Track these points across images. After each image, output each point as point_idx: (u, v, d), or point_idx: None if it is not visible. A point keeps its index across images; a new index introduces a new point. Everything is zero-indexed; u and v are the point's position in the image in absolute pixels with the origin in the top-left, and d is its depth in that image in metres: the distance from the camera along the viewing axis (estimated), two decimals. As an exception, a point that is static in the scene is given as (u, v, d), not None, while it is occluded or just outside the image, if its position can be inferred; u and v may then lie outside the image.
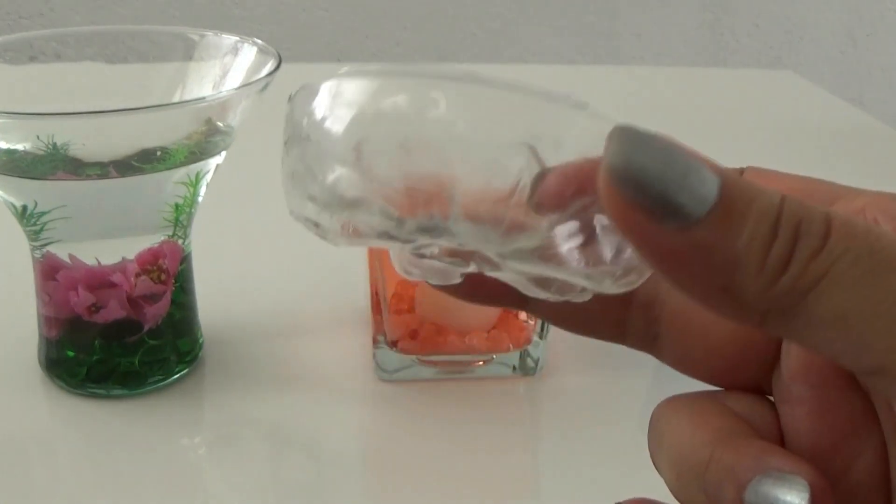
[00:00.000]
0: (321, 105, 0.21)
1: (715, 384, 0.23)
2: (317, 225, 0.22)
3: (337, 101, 0.20)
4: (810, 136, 0.83)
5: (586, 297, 0.20)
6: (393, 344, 0.45)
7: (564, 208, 0.19)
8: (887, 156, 0.80)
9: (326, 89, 0.21)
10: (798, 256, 0.17)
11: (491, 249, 0.20)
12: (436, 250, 0.20)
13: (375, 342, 0.45)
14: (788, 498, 0.18)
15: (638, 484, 0.41)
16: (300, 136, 0.21)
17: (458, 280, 0.21)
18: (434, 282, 0.21)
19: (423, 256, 0.21)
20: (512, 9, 1.69)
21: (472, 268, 0.20)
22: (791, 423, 0.21)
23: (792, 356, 0.21)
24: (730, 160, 0.20)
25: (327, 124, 0.20)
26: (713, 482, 0.19)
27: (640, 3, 1.72)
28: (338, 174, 0.20)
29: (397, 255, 0.21)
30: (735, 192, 0.17)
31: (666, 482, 0.22)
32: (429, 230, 0.20)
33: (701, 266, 0.17)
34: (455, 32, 1.70)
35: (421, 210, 0.19)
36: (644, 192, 0.17)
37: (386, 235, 0.20)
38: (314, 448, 0.43)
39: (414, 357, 0.45)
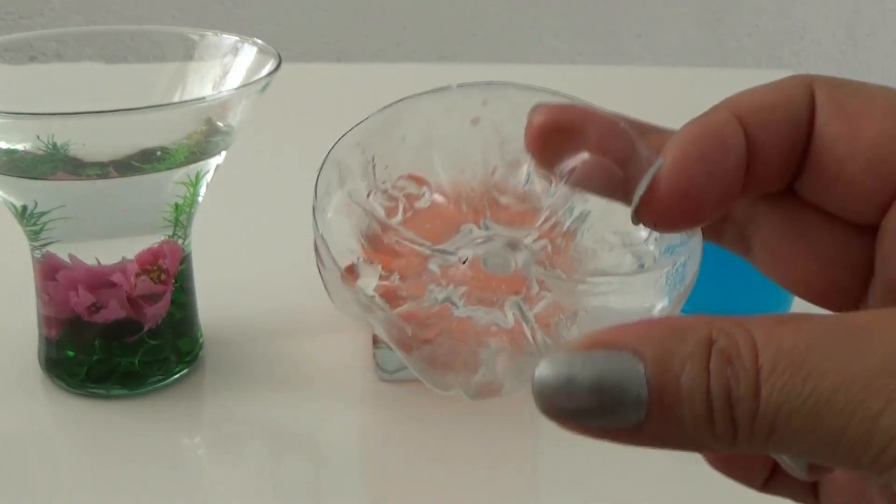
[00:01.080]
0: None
1: (807, 300, 0.23)
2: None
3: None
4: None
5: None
6: (393, 344, 0.45)
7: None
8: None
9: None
10: (740, 423, 0.17)
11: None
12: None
13: (375, 342, 0.45)
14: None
15: (638, 484, 0.41)
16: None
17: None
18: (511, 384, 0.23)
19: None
20: (512, 9, 1.69)
21: (510, 313, 0.21)
22: None
23: (890, 268, 0.21)
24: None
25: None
26: None
27: (640, 3, 1.72)
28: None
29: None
30: (660, 376, 0.18)
31: None
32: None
33: (664, 445, 0.18)
34: (455, 32, 1.69)
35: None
36: (583, 413, 0.18)
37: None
38: (314, 448, 0.43)
39: (414, 357, 0.45)
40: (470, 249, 0.21)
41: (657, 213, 0.21)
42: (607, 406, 0.18)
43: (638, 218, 0.21)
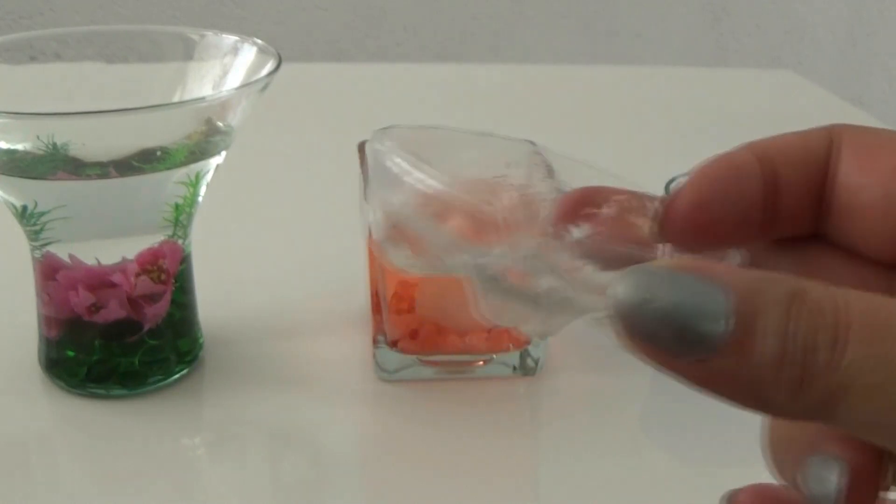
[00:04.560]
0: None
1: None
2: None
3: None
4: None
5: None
6: (393, 344, 0.45)
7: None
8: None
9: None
10: (813, 372, 0.17)
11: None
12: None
13: (375, 342, 0.45)
14: (829, 475, 0.20)
15: (639, 484, 0.41)
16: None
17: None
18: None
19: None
20: (512, 9, 1.69)
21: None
22: None
23: None
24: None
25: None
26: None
27: (640, 3, 1.72)
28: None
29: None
30: (746, 308, 0.17)
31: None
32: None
33: (727, 387, 0.18)
34: (455, 32, 1.70)
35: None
36: (657, 336, 0.18)
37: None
38: (314, 448, 0.43)
39: (414, 357, 0.45)
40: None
41: (674, 228, 0.21)
42: (683, 327, 0.17)
43: (657, 233, 0.21)
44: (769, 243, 0.23)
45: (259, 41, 0.44)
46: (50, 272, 0.42)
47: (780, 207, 0.22)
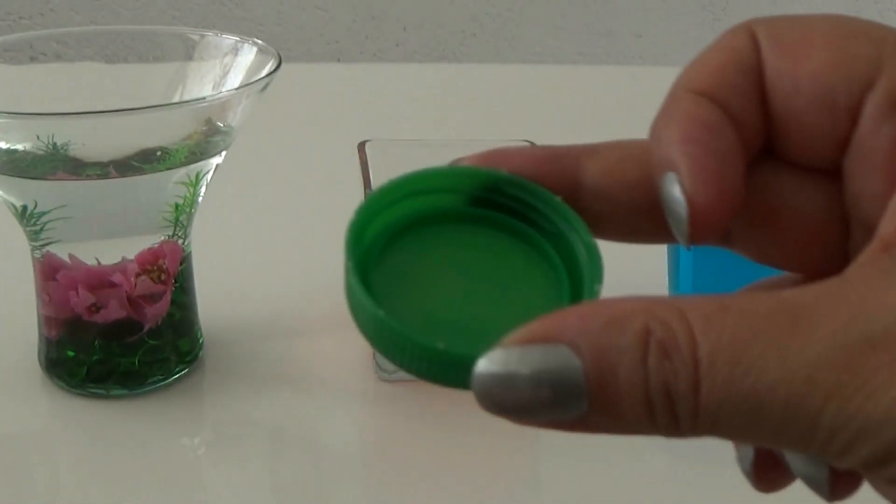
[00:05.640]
0: None
1: (796, 272, 0.22)
2: None
3: None
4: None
5: None
6: (393, 344, 0.45)
7: None
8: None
9: None
10: (682, 419, 0.17)
11: None
12: None
13: (375, 342, 0.45)
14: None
15: (639, 483, 0.41)
16: None
17: None
18: None
19: None
20: (512, 9, 1.69)
21: None
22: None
23: (861, 208, 0.20)
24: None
25: None
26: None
27: (640, 3, 1.72)
28: None
29: None
30: (598, 371, 0.17)
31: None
32: None
33: (614, 432, 0.18)
34: (455, 32, 1.69)
35: None
36: (527, 417, 0.18)
37: None
38: (314, 448, 0.43)
39: (414, 357, 0.45)
40: None
41: (706, 224, 0.19)
42: (548, 401, 0.18)
43: (688, 237, 0.19)
44: None
45: (259, 41, 0.44)
46: (50, 272, 0.42)
47: (742, 134, 0.20)
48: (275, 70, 0.41)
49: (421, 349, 0.19)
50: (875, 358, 0.17)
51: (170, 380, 0.45)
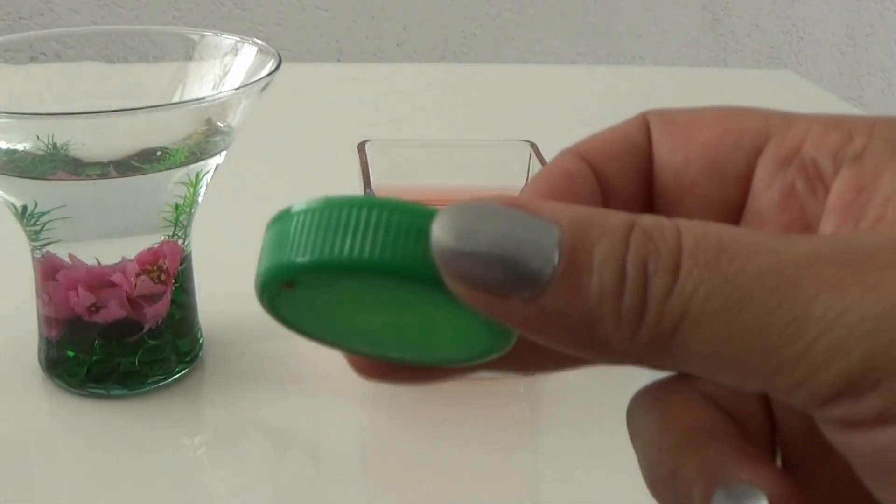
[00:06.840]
0: None
1: None
2: None
3: None
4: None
5: None
6: (393, 344, 0.45)
7: None
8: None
9: None
10: (651, 300, 0.16)
11: None
12: None
13: (375, 342, 0.45)
14: None
15: (639, 484, 0.41)
16: None
17: None
18: None
19: None
20: (512, 9, 1.69)
21: None
22: None
23: None
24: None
25: None
26: (682, 495, 0.19)
27: (640, 3, 1.72)
28: None
29: None
30: (575, 241, 0.16)
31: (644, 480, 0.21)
32: None
33: (559, 328, 0.16)
34: (455, 32, 1.70)
35: None
36: (481, 276, 0.16)
37: None
38: (314, 448, 0.43)
39: (414, 357, 0.45)
40: None
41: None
42: (508, 263, 0.16)
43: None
44: None
45: (259, 41, 0.44)
46: (50, 272, 0.42)
47: (614, 204, 0.21)
48: (275, 70, 0.41)
49: (390, 206, 0.17)
50: (880, 258, 0.16)
51: (170, 380, 0.45)
